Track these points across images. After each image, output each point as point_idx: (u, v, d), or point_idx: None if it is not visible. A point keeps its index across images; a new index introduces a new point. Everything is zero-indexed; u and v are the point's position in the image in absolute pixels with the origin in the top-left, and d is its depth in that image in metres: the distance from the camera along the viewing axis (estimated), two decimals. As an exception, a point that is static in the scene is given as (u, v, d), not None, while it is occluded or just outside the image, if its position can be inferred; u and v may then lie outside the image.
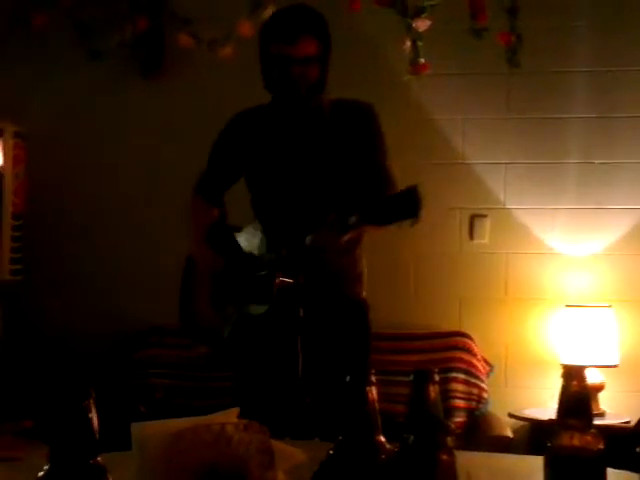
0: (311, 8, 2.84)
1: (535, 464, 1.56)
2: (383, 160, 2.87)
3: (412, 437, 1.19)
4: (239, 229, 2.98)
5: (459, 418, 3.99)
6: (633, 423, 3.82)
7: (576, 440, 1.41)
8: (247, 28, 4.11)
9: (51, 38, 4.45)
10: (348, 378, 1.33)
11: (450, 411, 3.92)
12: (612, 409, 4.06)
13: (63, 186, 4.57)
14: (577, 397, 1.43)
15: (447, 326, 4.28)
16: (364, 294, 3.02)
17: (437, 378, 1.32)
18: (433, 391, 1.29)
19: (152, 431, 1.55)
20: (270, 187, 2.95)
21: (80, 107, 4.58)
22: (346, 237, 2.53)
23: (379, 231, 2.66)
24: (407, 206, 2.36)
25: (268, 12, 4.05)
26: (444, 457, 1.18)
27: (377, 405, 1.33)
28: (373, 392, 1.32)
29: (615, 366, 4.09)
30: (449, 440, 1.17)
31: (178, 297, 3.04)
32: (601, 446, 1.41)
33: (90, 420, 1.21)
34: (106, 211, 4.54)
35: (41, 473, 1.21)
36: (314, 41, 2.78)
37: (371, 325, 3.02)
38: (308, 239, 2.61)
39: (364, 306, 3.00)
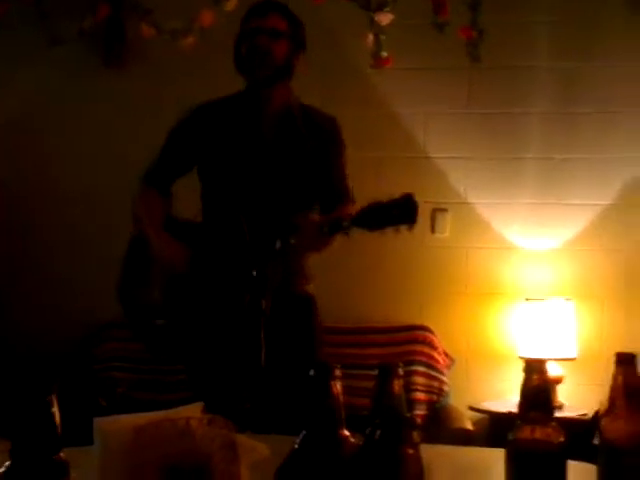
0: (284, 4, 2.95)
1: (495, 456, 1.58)
2: (343, 173, 2.97)
3: (378, 432, 1.19)
4: (193, 223, 2.97)
5: (420, 411, 4.01)
6: (590, 415, 3.87)
7: (537, 433, 1.42)
8: (209, 19, 4.10)
9: (11, 25, 4.40)
10: (312, 372, 1.33)
11: (411, 404, 3.94)
12: (570, 402, 4.10)
13: (20, 177, 4.52)
14: (538, 390, 1.44)
15: (408, 319, 4.30)
16: (311, 290, 3.03)
17: (401, 372, 1.32)
18: (397, 385, 1.30)
19: (114, 426, 1.54)
20: (224, 182, 2.95)
21: (40, 95, 4.53)
22: (333, 239, 2.64)
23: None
24: (404, 211, 2.50)
25: (231, 3, 4.05)
26: (410, 451, 1.18)
27: (341, 399, 1.33)
28: (337, 386, 1.33)
29: (573, 359, 4.13)
30: (415, 435, 1.18)
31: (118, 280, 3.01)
32: (562, 439, 1.42)
33: (53, 415, 1.20)
34: (65, 202, 4.49)
35: (2, 469, 1.20)
36: (284, 19, 2.90)
37: (320, 320, 3.03)
38: (292, 239, 2.66)
39: (312, 302, 3.01)
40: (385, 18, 4.08)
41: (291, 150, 2.90)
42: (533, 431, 1.42)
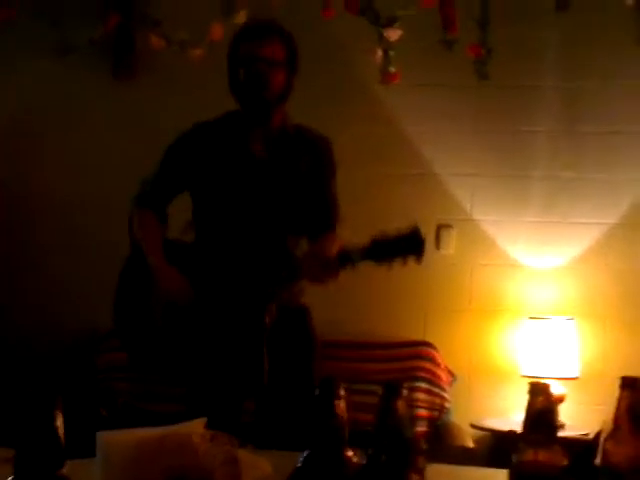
0: (280, 24, 2.92)
1: (497, 477, 1.57)
2: (334, 193, 2.99)
3: (383, 455, 1.19)
4: (184, 244, 2.97)
5: (421, 427, 4.00)
6: (592, 435, 3.85)
7: (541, 456, 1.42)
8: (219, 32, 4.11)
9: (19, 33, 4.41)
10: (316, 391, 1.33)
11: (412, 420, 3.93)
12: (572, 421, 4.08)
13: (27, 181, 4.53)
14: (542, 413, 1.44)
15: (411, 335, 4.29)
16: (304, 301, 3.02)
17: (405, 392, 1.32)
18: (402, 405, 1.30)
19: (117, 440, 1.54)
20: (217, 202, 2.93)
21: (47, 104, 4.54)
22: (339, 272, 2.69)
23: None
24: (411, 244, 2.60)
25: (240, 16, 4.06)
26: (415, 477, 1.18)
27: (345, 418, 1.33)
28: (341, 405, 1.32)
29: (576, 378, 4.12)
30: (421, 460, 1.18)
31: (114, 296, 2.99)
32: (565, 462, 1.42)
33: (57, 430, 1.20)
34: (68, 210, 4.49)
35: (6, 485, 1.20)
36: (282, 46, 2.86)
37: (315, 331, 3.02)
38: (300, 270, 2.74)
39: (307, 313, 3.01)
40: (394, 34, 4.08)
41: (285, 171, 2.89)
42: (536, 454, 1.42)
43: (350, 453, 1.30)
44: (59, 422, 1.21)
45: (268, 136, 2.89)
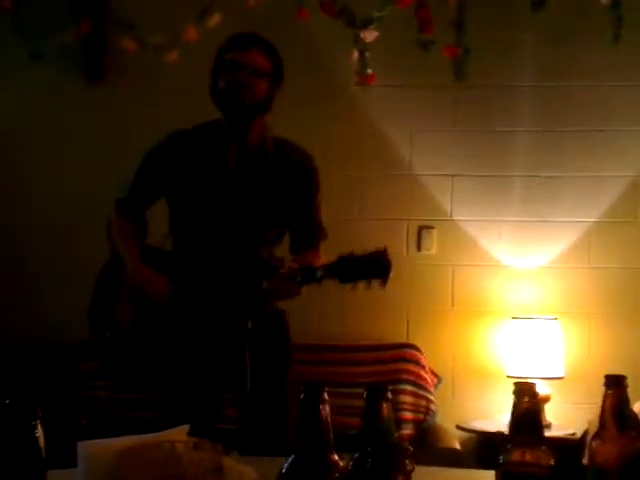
0: (264, 37, 2.92)
1: (484, 478, 1.56)
2: (316, 212, 2.98)
3: (369, 458, 1.18)
4: (162, 250, 2.95)
5: (407, 430, 3.99)
6: (578, 435, 3.85)
7: (528, 456, 1.42)
8: (193, 34, 4.10)
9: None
10: (301, 395, 1.32)
11: (398, 423, 3.90)
12: (558, 421, 4.08)
13: (8, 189, 4.49)
14: (528, 414, 1.44)
15: (395, 338, 4.28)
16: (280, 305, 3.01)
17: (390, 395, 1.31)
18: (387, 408, 1.29)
19: (99, 450, 1.52)
20: (192, 212, 2.93)
21: (20, 110, 4.50)
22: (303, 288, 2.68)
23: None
24: (377, 267, 2.55)
25: (214, 18, 4.05)
26: (401, 479, 1.17)
27: (330, 422, 1.31)
28: (326, 409, 1.31)
29: (561, 378, 4.12)
30: (407, 463, 1.16)
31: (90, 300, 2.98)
32: (552, 462, 1.42)
33: (37, 440, 1.18)
34: (46, 217, 4.45)
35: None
36: (266, 57, 2.86)
37: (290, 335, 3.02)
38: (264, 284, 2.70)
39: (282, 316, 3.00)
40: (370, 35, 4.08)
41: (258, 184, 2.87)
42: (523, 454, 1.41)
43: (336, 458, 1.29)
44: (39, 432, 1.19)
45: (245, 152, 2.86)
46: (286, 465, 1.30)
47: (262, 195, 2.88)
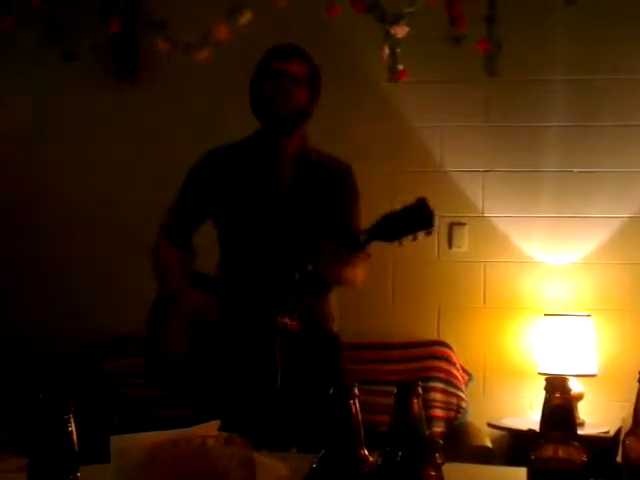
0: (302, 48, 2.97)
1: (517, 475, 1.55)
2: (357, 222, 2.95)
3: (399, 452, 1.17)
4: (208, 276, 2.96)
5: (438, 428, 3.98)
6: (612, 433, 3.82)
7: (560, 452, 1.40)
8: (224, 32, 4.10)
9: (21, 40, 4.40)
10: (331, 391, 1.31)
11: (429, 421, 3.90)
12: (591, 419, 4.05)
13: (32, 188, 4.52)
14: (560, 409, 1.42)
15: (426, 335, 4.27)
16: (335, 329, 3.03)
17: (420, 391, 1.30)
18: (417, 404, 1.28)
19: (131, 444, 1.53)
20: (241, 230, 2.93)
21: (51, 110, 4.53)
22: (355, 258, 2.64)
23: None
24: (420, 218, 2.50)
25: (245, 17, 4.05)
26: (432, 473, 1.16)
27: (360, 418, 1.31)
28: (356, 405, 1.31)
29: (594, 375, 4.09)
30: (438, 456, 1.16)
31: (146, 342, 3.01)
32: (584, 458, 1.40)
33: (70, 434, 1.19)
34: (75, 215, 4.48)
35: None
36: (305, 65, 2.92)
37: (343, 359, 3.03)
38: (310, 266, 2.67)
39: (337, 342, 3.01)
40: (401, 31, 4.06)
41: (308, 198, 2.89)
42: (556, 450, 1.39)
43: (366, 453, 1.28)
44: (72, 427, 1.19)
45: (290, 161, 2.89)
46: (316, 460, 1.30)
47: (315, 208, 2.89)
